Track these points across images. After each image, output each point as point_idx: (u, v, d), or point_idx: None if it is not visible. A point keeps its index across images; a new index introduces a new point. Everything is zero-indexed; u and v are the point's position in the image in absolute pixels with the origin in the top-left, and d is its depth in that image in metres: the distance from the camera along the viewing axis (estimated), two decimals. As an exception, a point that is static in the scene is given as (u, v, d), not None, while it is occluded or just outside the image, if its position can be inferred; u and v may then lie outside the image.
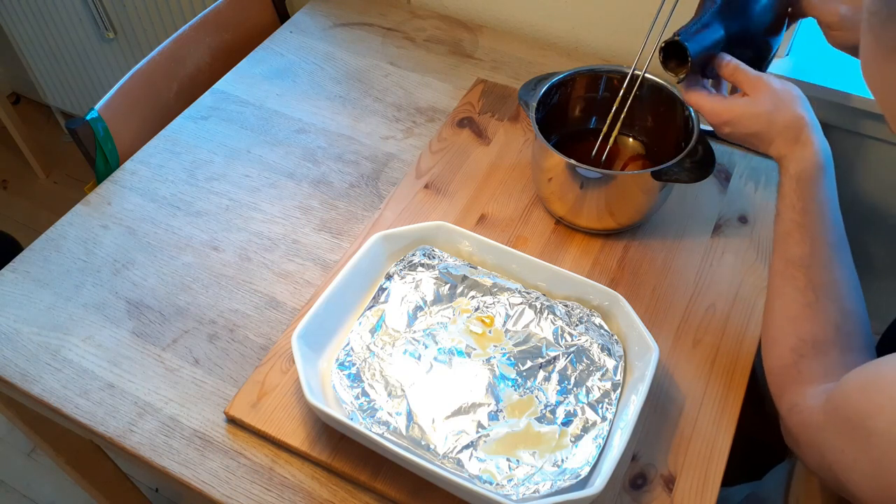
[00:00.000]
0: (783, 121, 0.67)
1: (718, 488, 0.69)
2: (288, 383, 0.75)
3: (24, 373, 0.77)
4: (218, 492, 0.68)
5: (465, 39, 1.18)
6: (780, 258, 0.68)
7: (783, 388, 0.66)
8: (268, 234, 0.90)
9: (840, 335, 0.64)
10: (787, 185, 0.67)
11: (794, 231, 0.66)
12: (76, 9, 1.68)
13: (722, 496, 0.69)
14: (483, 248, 0.80)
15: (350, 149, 1.00)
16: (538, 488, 0.63)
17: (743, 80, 0.70)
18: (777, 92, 0.68)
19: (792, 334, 0.65)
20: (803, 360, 0.64)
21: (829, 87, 0.98)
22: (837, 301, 0.65)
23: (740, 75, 0.70)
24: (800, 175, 0.66)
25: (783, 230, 0.68)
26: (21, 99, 2.28)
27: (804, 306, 0.65)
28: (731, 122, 0.70)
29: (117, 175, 0.96)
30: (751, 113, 0.69)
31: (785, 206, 0.67)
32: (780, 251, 0.68)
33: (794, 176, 0.66)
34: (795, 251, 0.66)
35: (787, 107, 0.67)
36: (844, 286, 0.65)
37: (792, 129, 0.66)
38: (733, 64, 0.71)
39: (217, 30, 1.19)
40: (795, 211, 0.66)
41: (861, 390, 0.55)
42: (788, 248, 0.67)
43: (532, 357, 0.74)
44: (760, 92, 0.68)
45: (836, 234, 0.66)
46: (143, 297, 0.83)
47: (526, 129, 1.02)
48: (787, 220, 0.67)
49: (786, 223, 0.67)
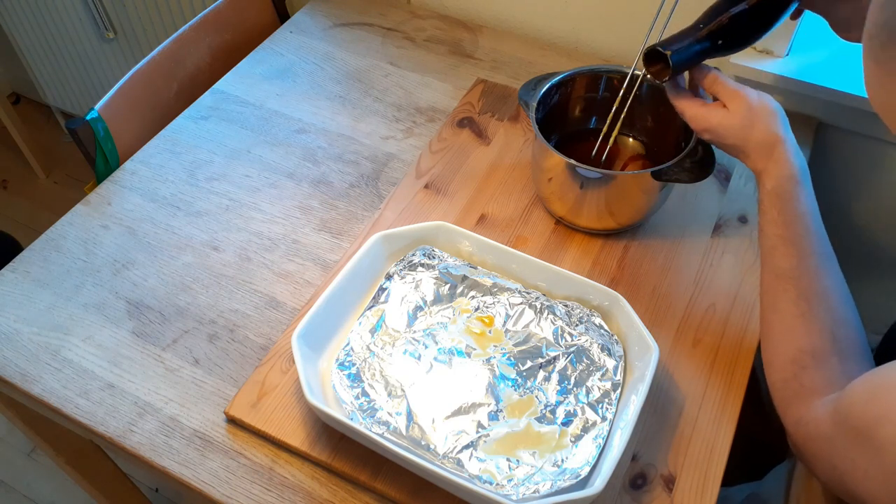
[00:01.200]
0: (756, 137, 0.68)
1: (718, 488, 0.69)
2: (288, 383, 0.75)
3: (24, 373, 0.77)
4: (218, 492, 0.68)
5: (465, 39, 1.18)
6: (768, 273, 0.69)
7: (787, 403, 0.66)
8: (268, 234, 0.90)
9: (837, 343, 0.64)
10: (767, 201, 0.68)
11: (779, 245, 0.67)
12: (76, 9, 1.68)
13: (722, 496, 0.69)
14: (483, 248, 0.80)
15: (350, 149, 1.00)
16: (538, 488, 0.63)
17: (721, 91, 0.71)
18: (752, 107, 0.69)
19: (790, 346, 0.66)
20: (804, 371, 0.64)
21: (829, 87, 0.97)
22: (830, 310, 0.65)
23: (719, 86, 0.71)
24: (776, 190, 0.67)
25: (768, 245, 0.68)
26: (21, 99, 2.28)
27: (798, 317, 0.65)
28: (708, 130, 0.72)
29: (117, 175, 0.96)
30: (727, 125, 0.70)
31: (766, 221, 0.68)
32: (767, 266, 0.69)
33: (771, 191, 0.67)
34: (783, 264, 0.67)
35: (761, 123, 0.68)
36: (835, 295, 0.65)
37: (765, 147, 0.68)
38: (713, 75, 0.72)
39: (217, 30, 1.19)
40: (777, 225, 0.67)
41: (867, 399, 0.55)
42: (775, 261, 0.67)
43: (532, 357, 0.74)
44: (736, 106, 0.69)
45: (821, 243, 0.66)
46: (143, 297, 0.83)
47: (526, 129, 1.02)
48: (770, 235, 0.68)
49: (770, 238, 0.68)
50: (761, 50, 1.01)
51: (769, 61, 1.01)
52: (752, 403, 0.77)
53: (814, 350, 0.64)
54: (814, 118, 1.03)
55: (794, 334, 0.65)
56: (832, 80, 0.98)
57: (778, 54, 1.01)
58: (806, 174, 0.67)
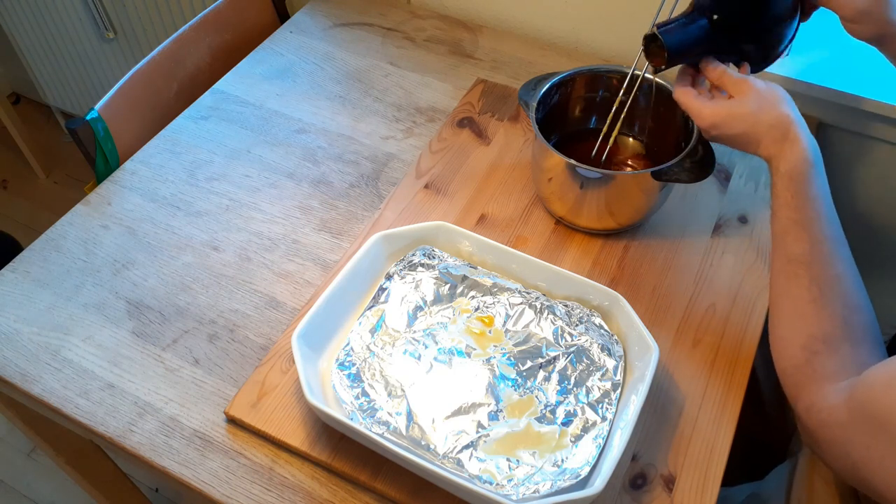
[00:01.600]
0: (768, 120, 0.67)
1: (718, 488, 0.69)
2: (288, 383, 0.75)
3: (24, 373, 0.77)
4: (218, 492, 0.68)
5: (465, 39, 1.18)
6: (780, 257, 0.68)
7: (799, 389, 0.65)
8: (268, 234, 0.90)
9: (849, 329, 0.63)
10: (780, 184, 0.67)
11: (792, 228, 0.66)
12: (76, 9, 1.68)
13: (722, 496, 0.69)
14: (483, 248, 0.80)
15: (350, 149, 1.00)
16: (538, 488, 0.63)
17: (727, 82, 0.71)
18: (761, 92, 0.68)
19: (801, 332, 0.65)
20: (816, 357, 0.64)
21: (829, 87, 0.97)
22: (842, 295, 0.64)
23: (725, 78, 0.71)
24: (791, 172, 0.66)
25: (780, 229, 0.67)
26: (21, 99, 2.28)
27: (809, 302, 0.65)
28: (716, 125, 0.71)
29: (117, 175, 0.96)
30: (735, 114, 0.69)
31: (779, 204, 0.67)
32: (779, 250, 0.68)
33: (785, 174, 0.66)
34: (795, 248, 0.66)
35: (771, 106, 0.67)
36: (847, 280, 0.65)
37: (778, 129, 0.67)
38: (720, 69, 0.72)
39: (217, 30, 1.19)
40: (791, 209, 0.66)
41: (886, 387, 0.55)
42: (787, 246, 0.67)
43: (532, 357, 0.74)
44: (744, 93, 0.69)
45: (834, 228, 0.66)
46: (143, 297, 0.83)
47: (526, 129, 1.02)
48: (783, 218, 0.67)
49: (782, 221, 0.67)
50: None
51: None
52: (752, 403, 0.77)
53: (826, 336, 0.64)
54: (814, 118, 1.04)
55: (806, 320, 0.65)
56: (832, 80, 0.98)
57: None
58: (819, 157, 0.66)
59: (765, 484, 0.88)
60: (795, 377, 0.65)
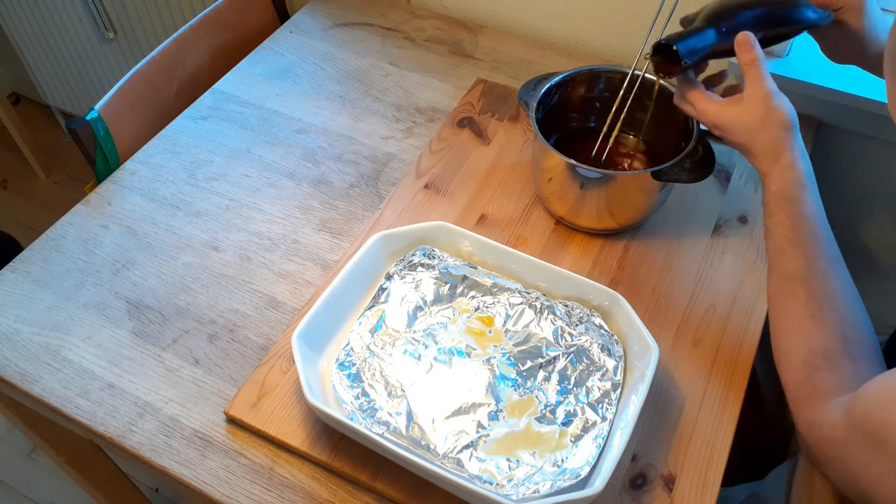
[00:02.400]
0: (765, 140, 0.68)
1: (718, 488, 0.69)
2: (288, 383, 0.75)
3: (24, 373, 0.77)
4: (218, 492, 0.68)
5: (465, 39, 1.18)
6: (776, 274, 0.68)
7: (800, 405, 0.65)
8: (268, 234, 0.90)
9: (847, 345, 0.64)
10: (772, 203, 0.68)
11: (788, 247, 0.67)
12: (76, 9, 1.68)
13: (722, 496, 0.69)
14: (483, 248, 0.80)
15: (350, 149, 1.00)
16: (538, 488, 0.63)
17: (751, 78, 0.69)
18: (767, 110, 0.68)
19: (801, 348, 0.65)
20: (816, 372, 0.64)
21: (829, 87, 0.97)
22: (840, 311, 0.65)
23: (753, 70, 0.68)
24: (781, 193, 0.67)
25: (776, 246, 0.68)
26: (21, 99, 2.28)
27: (808, 318, 0.65)
28: (718, 126, 0.71)
29: (117, 175, 0.96)
30: (738, 124, 0.69)
31: (773, 222, 0.68)
32: (775, 267, 0.68)
33: (775, 193, 0.67)
34: (791, 266, 0.66)
35: (772, 129, 0.67)
36: (845, 296, 0.65)
37: (770, 152, 0.67)
38: (755, 55, 0.69)
39: (217, 30, 1.19)
40: (785, 227, 0.67)
41: (883, 402, 0.55)
42: (784, 263, 0.67)
43: (532, 357, 0.74)
44: (753, 105, 0.68)
45: (829, 246, 0.66)
46: (143, 297, 0.83)
47: (526, 129, 1.02)
48: (778, 236, 0.68)
49: (777, 240, 0.68)
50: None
51: (769, 61, 1.00)
52: (752, 403, 0.77)
53: (825, 351, 0.64)
54: (814, 118, 1.04)
55: (805, 336, 0.65)
56: (832, 80, 0.98)
57: (778, 54, 1.01)
58: (812, 179, 0.67)
59: (765, 484, 0.88)
60: (797, 393, 0.66)
